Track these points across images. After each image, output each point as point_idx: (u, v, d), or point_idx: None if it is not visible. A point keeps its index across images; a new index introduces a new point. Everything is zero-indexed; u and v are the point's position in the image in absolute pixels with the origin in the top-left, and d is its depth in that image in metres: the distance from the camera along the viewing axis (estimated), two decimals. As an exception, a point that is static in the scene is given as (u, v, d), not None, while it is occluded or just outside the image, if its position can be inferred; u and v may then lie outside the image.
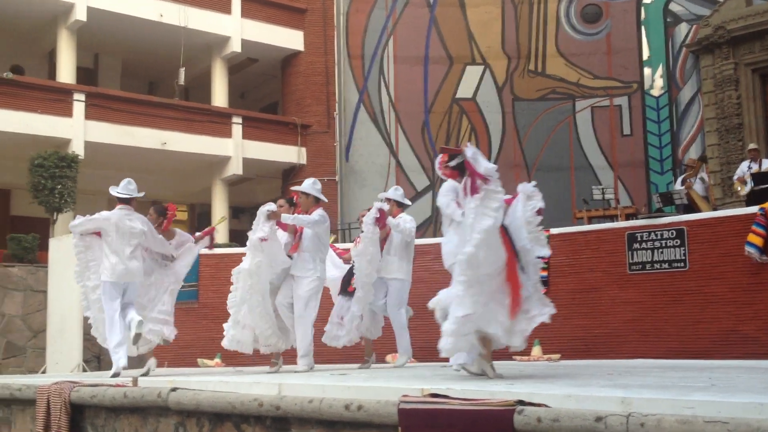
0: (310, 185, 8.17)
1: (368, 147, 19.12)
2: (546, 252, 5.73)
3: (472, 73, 19.19)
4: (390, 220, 8.32)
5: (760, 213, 8.68)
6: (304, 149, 19.56)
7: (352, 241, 17.50)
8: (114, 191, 8.03)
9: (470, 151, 5.51)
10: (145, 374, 7.49)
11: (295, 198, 8.28)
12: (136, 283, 7.76)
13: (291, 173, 19.64)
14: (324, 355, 8.98)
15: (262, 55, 20.26)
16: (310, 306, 7.83)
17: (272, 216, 7.68)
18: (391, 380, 5.57)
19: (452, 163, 5.84)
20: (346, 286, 8.60)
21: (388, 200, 8.60)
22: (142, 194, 8.19)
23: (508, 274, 5.45)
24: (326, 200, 8.47)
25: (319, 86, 19.73)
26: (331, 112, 19.48)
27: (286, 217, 7.83)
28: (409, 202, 9.11)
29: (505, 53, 19.12)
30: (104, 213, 7.90)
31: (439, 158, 6.01)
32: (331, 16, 19.73)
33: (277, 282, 7.90)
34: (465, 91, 19.17)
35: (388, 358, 10.32)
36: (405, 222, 8.45)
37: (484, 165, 5.46)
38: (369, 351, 8.70)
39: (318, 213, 8.06)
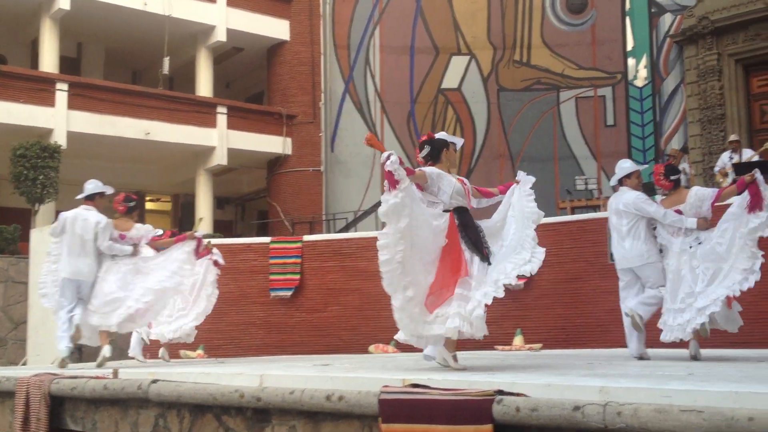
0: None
1: (353, 137, 19.09)
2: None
3: (458, 63, 19.19)
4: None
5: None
6: (289, 139, 19.51)
7: (338, 231, 17.54)
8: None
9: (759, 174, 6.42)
10: (100, 365, 7.60)
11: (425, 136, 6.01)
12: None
13: (276, 163, 19.59)
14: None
15: (247, 44, 20.17)
16: None
17: None
18: (374, 371, 5.59)
19: (674, 177, 7.06)
20: None
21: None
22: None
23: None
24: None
25: (304, 76, 19.66)
26: (317, 102, 19.43)
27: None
28: (108, 189, 8.33)
29: (490, 43, 19.12)
30: None
31: (654, 168, 7.31)
32: (317, 6, 19.66)
33: None
34: (450, 81, 19.17)
35: (371, 348, 10.36)
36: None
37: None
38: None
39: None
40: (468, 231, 5.52)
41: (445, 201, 5.58)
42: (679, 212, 6.84)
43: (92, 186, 8.21)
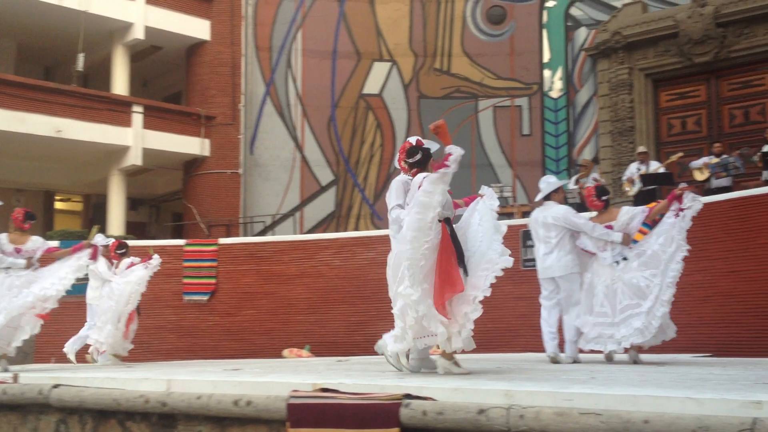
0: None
1: (273, 140, 18.96)
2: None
3: (380, 69, 19.28)
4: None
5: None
6: (207, 141, 19.21)
7: (255, 234, 17.38)
8: None
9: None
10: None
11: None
12: None
13: (193, 165, 19.27)
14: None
15: (166, 43, 19.77)
16: None
17: None
18: (285, 375, 5.56)
19: (605, 198, 7.45)
20: None
21: None
22: None
23: None
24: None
25: (224, 77, 19.39)
26: (237, 104, 19.19)
27: None
28: None
29: (412, 51, 19.28)
30: None
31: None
32: (238, 7, 19.43)
33: None
34: (372, 87, 19.24)
35: (285, 352, 10.30)
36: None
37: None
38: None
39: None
40: (455, 243, 5.61)
41: (439, 210, 5.63)
42: (610, 228, 7.18)
43: None
